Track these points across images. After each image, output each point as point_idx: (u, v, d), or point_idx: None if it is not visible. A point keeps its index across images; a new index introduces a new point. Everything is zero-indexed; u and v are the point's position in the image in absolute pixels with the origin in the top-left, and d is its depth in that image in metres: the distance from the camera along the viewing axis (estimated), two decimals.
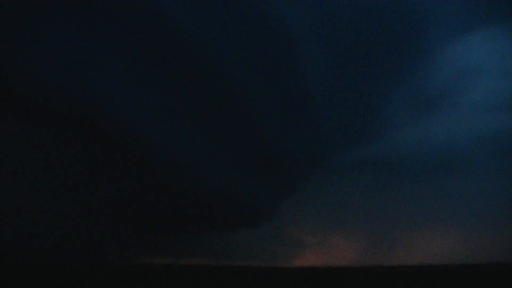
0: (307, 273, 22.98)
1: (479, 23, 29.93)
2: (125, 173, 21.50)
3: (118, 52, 21.12)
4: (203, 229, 23.73)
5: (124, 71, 21.13)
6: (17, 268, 18.54)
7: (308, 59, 25.67)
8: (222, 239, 23.97)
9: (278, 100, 25.34)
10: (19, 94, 18.75)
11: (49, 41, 19.47)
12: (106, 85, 20.60)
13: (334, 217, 25.89)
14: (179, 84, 22.52)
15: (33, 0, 18.81)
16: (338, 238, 25.67)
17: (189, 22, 21.81)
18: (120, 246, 22.27)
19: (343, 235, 25.64)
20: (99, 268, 20.73)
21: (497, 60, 29.49)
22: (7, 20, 18.44)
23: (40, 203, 20.44)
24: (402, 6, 27.11)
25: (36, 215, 20.25)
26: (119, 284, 17.28)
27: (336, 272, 23.03)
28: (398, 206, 24.84)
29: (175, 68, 22.31)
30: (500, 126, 26.79)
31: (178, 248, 23.69)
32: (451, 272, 21.20)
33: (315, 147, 26.41)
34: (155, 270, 22.37)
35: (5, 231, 19.35)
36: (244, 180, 23.83)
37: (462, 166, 26.50)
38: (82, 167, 21.07)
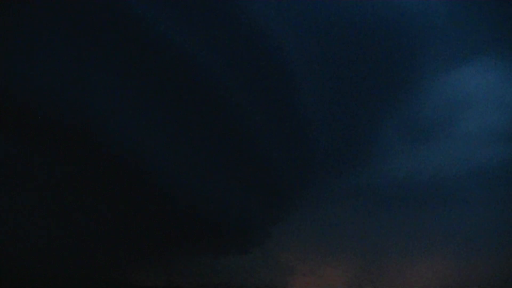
0: None
1: (471, 55, 30.59)
2: (116, 196, 20.95)
3: (112, 66, 20.76)
4: (194, 253, 23.29)
5: (118, 86, 20.71)
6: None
7: (303, 89, 25.95)
8: (213, 264, 23.60)
9: (272, 128, 25.38)
10: (6, 106, 18.12)
11: (38, 53, 19.02)
12: (99, 98, 20.19)
13: (325, 244, 25.57)
14: (168, 107, 22.36)
15: (23, 12, 18.55)
16: (329, 265, 25.30)
17: (184, 42, 21.82)
18: (109, 267, 21.63)
19: (334, 262, 25.29)
20: None
21: (489, 91, 30.00)
22: None
23: (27, 218, 19.73)
24: (395, 38, 27.74)
25: (25, 230, 19.51)
26: None
27: None
28: (390, 234, 24.75)
29: (168, 86, 22.15)
30: (491, 157, 27.12)
31: (169, 270, 23.16)
32: None
33: (307, 174, 26.37)
34: None
35: None
36: (236, 205, 23.51)
37: (454, 196, 26.58)
38: (69, 187, 20.39)
